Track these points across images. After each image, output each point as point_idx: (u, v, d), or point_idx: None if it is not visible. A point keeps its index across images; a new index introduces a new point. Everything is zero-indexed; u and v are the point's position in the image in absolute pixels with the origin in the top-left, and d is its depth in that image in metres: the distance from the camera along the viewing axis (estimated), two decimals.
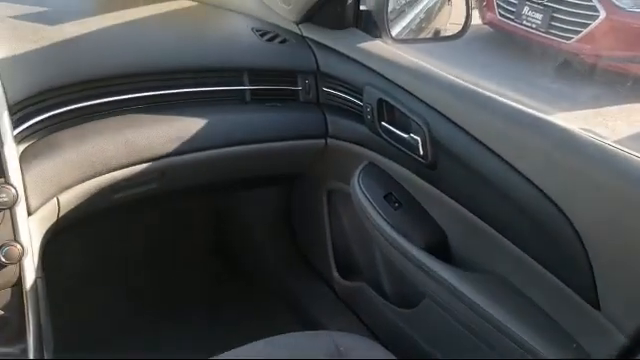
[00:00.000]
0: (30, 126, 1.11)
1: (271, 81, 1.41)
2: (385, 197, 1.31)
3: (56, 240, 1.20)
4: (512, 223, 1.04)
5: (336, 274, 1.66)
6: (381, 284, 1.51)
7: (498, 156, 1.02)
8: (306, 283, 1.78)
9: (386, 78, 1.27)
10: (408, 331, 1.41)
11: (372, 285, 1.54)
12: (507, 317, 1.01)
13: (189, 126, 1.27)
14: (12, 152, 1.03)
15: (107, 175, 1.18)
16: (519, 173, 0.98)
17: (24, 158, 1.06)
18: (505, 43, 4.79)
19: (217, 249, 2.01)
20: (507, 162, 1.00)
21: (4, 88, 1.04)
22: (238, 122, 1.34)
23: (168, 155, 1.24)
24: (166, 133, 1.24)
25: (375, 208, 1.28)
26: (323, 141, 1.44)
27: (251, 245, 1.90)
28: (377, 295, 1.52)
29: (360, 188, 1.32)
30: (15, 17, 1.17)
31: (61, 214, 1.15)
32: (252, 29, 1.44)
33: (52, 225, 1.14)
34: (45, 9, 1.24)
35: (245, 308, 1.77)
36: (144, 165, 1.22)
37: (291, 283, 1.81)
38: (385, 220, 1.26)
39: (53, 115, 1.15)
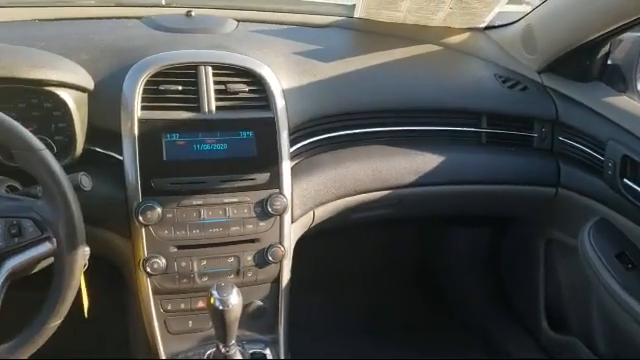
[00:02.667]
0: (300, 147, 1.30)
1: (508, 126, 1.46)
2: (617, 256, 1.27)
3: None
4: None
5: (545, 324, 1.64)
6: (596, 342, 1.46)
7: None
8: (506, 326, 1.78)
9: (632, 134, 1.25)
10: None
11: (585, 342, 1.50)
12: None
13: (428, 161, 1.38)
14: (287, 168, 1.22)
15: (355, 197, 1.33)
16: None
17: (293, 174, 1.24)
18: None
19: (421, 278, 2.09)
20: None
21: (288, 113, 1.23)
22: (473, 162, 1.41)
23: (408, 185, 1.35)
24: (408, 165, 1.36)
25: (605, 266, 1.26)
26: (553, 190, 1.45)
27: (455, 279, 1.95)
28: (589, 352, 1.47)
29: (590, 243, 1.31)
30: (297, 53, 1.39)
31: (312, 225, 1.32)
32: (495, 75, 1.50)
33: (303, 234, 1.32)
34: (320, 47, 1.44)
35: (440, 338, 1.82)
36: (386, 192, 1.35)
37: (490, 323, 1.82)
38: (615, 279, 1.23)
39: (318, 140, 1.33)
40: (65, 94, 1.10)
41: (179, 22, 1.39)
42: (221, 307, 0.97)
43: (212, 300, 0.98)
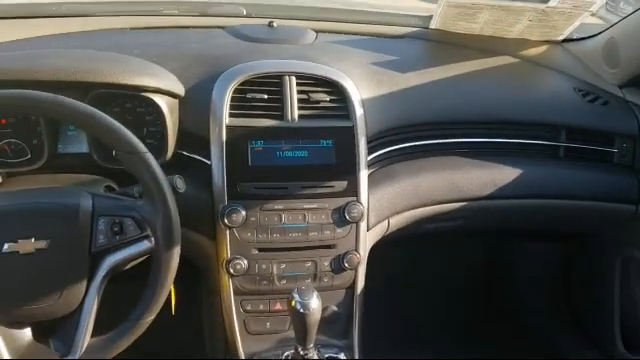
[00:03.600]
0: (377, 156, 1.31)
1: (587, 140, 1.44)
2: None
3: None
4: None
5: (620, 345, 1.59)
6: None
7: None
8: (577, 345, 1.74)
9: None
10: None
11: None
12: None
13: (504, 174, 1.37)
14: (365, 176, 1.24)
15: (429, 207, 1.33)
16: None
17: (369, 182, 1.26)
18: None
19: (487, 292, 2.06)
20: None
21: (366, 122, 1.25)
22: (551, 176, 1.39)
23: (483, 197, 1.35)
24: (484, 177, 1.35)
25: None
26: (634, 207, 1.41)
27: (523, 295, 1.92)
28: None
29: None
30: (375, 64, 1.41)
31: (386, 234, 1.33)
32: (574, 89, 1.48)
33: (377, 242, 1.33)
34: (397, 58, 1.45)
35: (507, 355, 1.79)
36: (461, 203, 1.35)
37: (560, 341, 1.78)
38: None
39: (394, 149, 1.35)
40: (160, 100, 1.16)
41: (262, 32, 1.43)
42: (302, 310, 1.00)
43: (293, 303, 1.01)
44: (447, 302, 1.97)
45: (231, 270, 1.17)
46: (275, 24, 1.48)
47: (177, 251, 0.96)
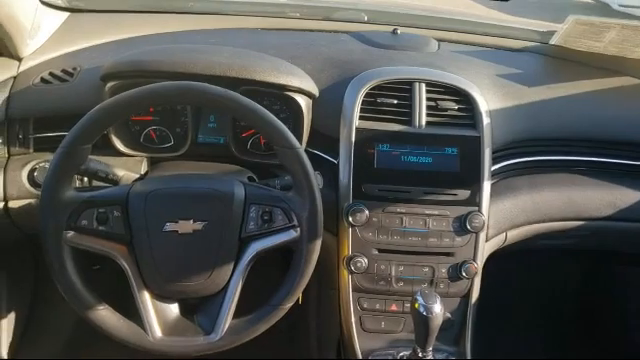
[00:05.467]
0: (498, 168, 1.32)
1: None
2: None
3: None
4: None
5: None
6: None
7: None
8: None
9: None
10: None
11: None
12: None
13: (625, 195, 1.34)
14: (488, 187, 1.24)
15: (547, 224, 1.33)
16: None
17: (490, 193, 1.27)
18: None
19: (587, 316, 2.01)
20: None
21: (492, 132, 1.26)
22: None
23: (603, 218, 1.33)
24: (604, 198, 1.33)
25: None
26: None
27: (625, 323, 1.86)
28: None
29: None
30: (500, 75, 1.41)
31: (502, 246, 1.33)
32: None
33: (492, 253, 1.33)
34: (520, 71, 1.45)
35: None
36: (579, 222, 1.33)
37: None
38: None
39: (515, 162, 1.35)
40: (300, 99, 1.21)
41: (387, 39, 1.47)
42: (425, 313, 1.02)
43: (416, 305, 1.03)
44: (545, 321, 1.94)
45: (352, 267, 1.20)
46: (399, 31, 1.51)
47: (319, 243, 1.00)
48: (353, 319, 1.23)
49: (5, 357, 1.42)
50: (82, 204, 0.96)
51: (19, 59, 1.29)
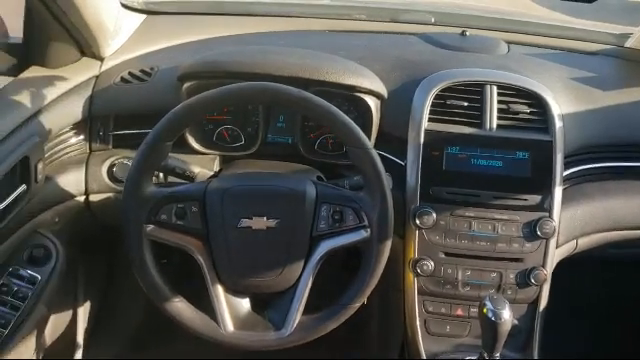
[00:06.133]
0: (570, 173, 1.29)
1: None
2: None
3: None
4: None
5: None
6: None
7: None
8: None
9: None
10: None
11: None
12: None
13: None
14: (559, 193, 1.22)
15: (620, 232, 1.29)
16: None
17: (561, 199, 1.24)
18: None
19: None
20: None
21: (565, 137, 1.23)
22: None
23: None
24: None
25: None
26: None
27: None
28: None
29: None
30: (572, 79, 1.38)
31: (573, 253, 1.30)
32: None
33: (561, 260, 1.30)
34: (594, 75, 1.41)
35: None
36: None
37: None
38: None
39: (587, 168, 1.32)
40: (369, 100, 1.22)
41: (456, 41, 1.45)
42: (494, 319, 1.00)
43: (485, 310, 1.02)
44: (614, 331, 1.87)
45: (418, 270, 1.20)
46: (467, 33, 1.49)
47: (389, 244, 1.01)
48: (418, 322, 1.23)
49: (81, 342, 1.48)
50: (163, 199, 1.00)
51: (101, 59, 1.35)
